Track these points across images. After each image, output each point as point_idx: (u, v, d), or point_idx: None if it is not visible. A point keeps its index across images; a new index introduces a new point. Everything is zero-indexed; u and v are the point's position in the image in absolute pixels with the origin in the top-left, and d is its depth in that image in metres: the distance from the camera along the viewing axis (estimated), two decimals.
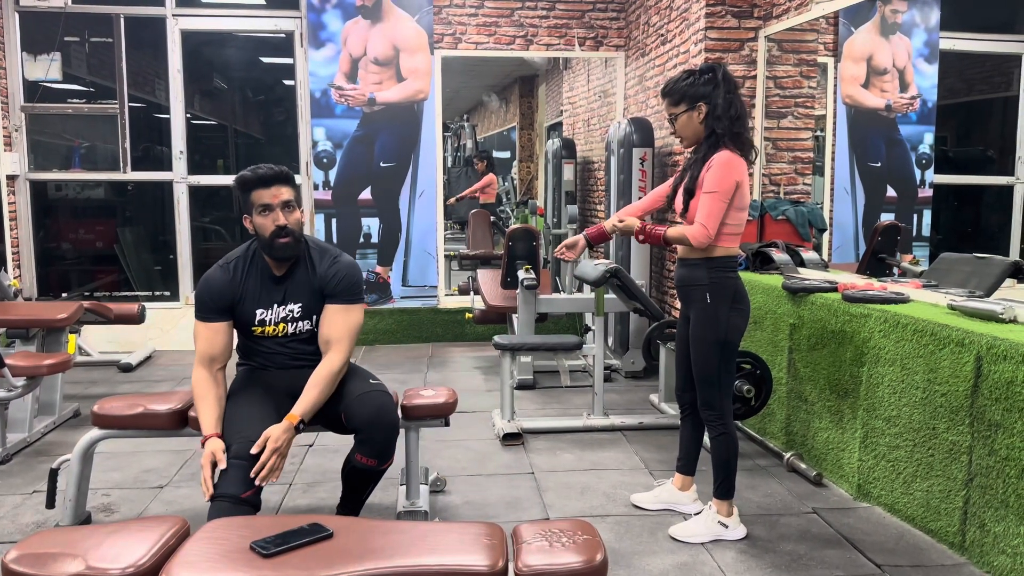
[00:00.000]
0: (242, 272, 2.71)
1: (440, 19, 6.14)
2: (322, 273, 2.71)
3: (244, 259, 2.73)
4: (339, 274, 2.71)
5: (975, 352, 2.60)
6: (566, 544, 1.71)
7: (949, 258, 3.85)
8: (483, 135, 15.57)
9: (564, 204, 6.91)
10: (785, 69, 4.69)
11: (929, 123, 5.18)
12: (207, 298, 2.68)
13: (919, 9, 5.10)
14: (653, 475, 3.51)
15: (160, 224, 6.62)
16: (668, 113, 2.88)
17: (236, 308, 2.70)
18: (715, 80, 2.76)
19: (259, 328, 2.71)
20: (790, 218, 4.45)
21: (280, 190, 2.64)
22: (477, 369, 5.55)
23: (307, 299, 2.72)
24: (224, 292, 2.68)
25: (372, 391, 2.65)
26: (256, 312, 2.70)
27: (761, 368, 3.50)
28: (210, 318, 2.67)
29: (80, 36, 6.17)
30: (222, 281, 2.69)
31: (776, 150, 4.74)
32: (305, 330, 2.74)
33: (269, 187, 2.63)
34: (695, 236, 2.73)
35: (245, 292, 2.69)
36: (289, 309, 2.71)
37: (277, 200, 2.63)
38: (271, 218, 2.62)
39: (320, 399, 2.59)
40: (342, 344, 2.66)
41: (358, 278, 2.77)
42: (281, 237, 2.63)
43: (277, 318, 2.71)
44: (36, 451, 3.84)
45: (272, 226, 2.62)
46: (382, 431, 2.60)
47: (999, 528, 2.52)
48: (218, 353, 2.66)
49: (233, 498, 2.31)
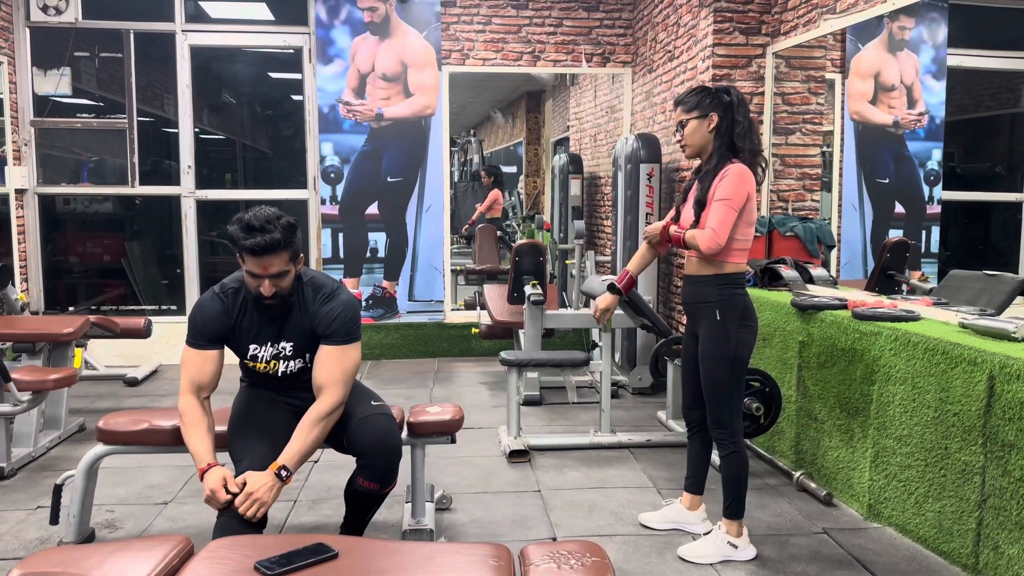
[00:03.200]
0: (237, 305, 2.56)
1: (448, 35, 6.16)
2: (313, 313, 2.55)
3: (239, 292, 2.58)
4: (331, 314, 2.54)
5: (987, 371, 2.58)
6: (574, 566, 1.68)
7: (959, 275, 3.82)
8: (490, 150, 15.62)
9: (571, 219, 6.91)
10: (793, 85, 4.68)
11: (937, 139, 5.16)
12: (200, 325, 2.55)
13: (926, 26, 5.10)
14: (661, 493, 3.48)
15: (167, 238, 6.63)
16: (677, 120, 2.88)
17: (230, 340, 2.59)
18: (731, 100, 2.80)
19: (251, 363, 2.62)
20: (798, 234, 4.44)
21: (272, 261, 2.41)
22: (483, 384, 5.53)
23: (299, 339, 2.58)
24: (217, 322, 2.55)
25: (374, 415, 2.60)
26: (249, 347, 2.59)
27: (770, 386, 3.47)
28: (202, 345, 2.55)
29: (90, 51, 6.21)
30: (216, 310, 2.55)
31: (784, 166, 4.73)
32: (297, 368, 2.63)
33: (259, 258, 2.40)
34: (705, 240, 2.72)
35: (240, 326, 2.57)
36: (281, 347, 2.59)
37: (266, 271, 2.42)
38: (257, 284, 2.46)
39: (309, 446, 2.44)
40: (334, 388, 2.50)
41: (351, 316, 2.58)
42: (266, 301, 2.48)
43: (268, 355, 2.59)
44: (41, 466, 3.82)
45: (257, 291, 2.47)
46: (384, 456, 2.55)
47: (1013, 550, 2.48)
48: (206, 382, 2.54)
49: (239, 515, 2.29)
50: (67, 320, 4.53)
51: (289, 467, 2.39)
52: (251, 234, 2.38)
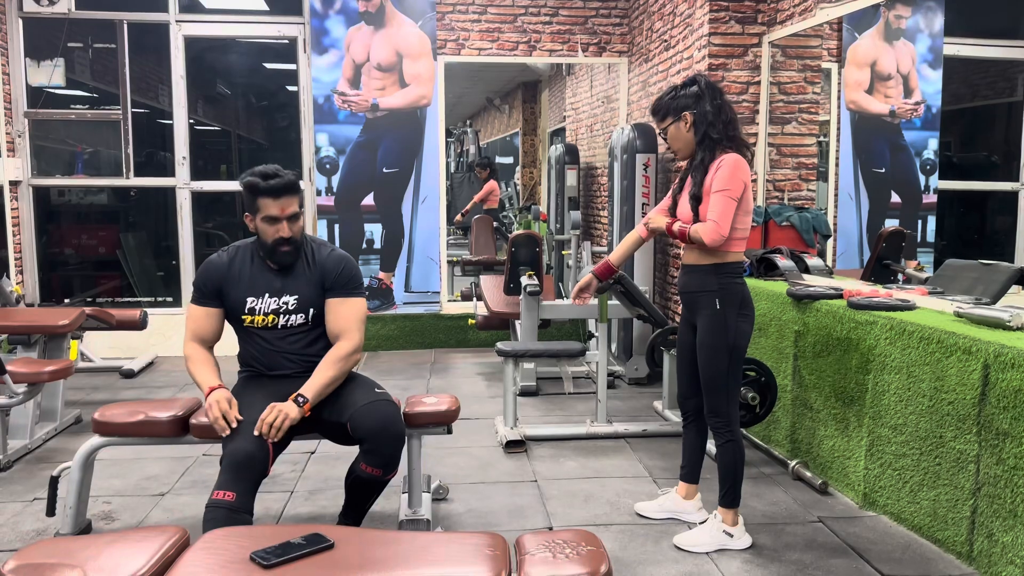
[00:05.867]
0: (240, 259, 2.75)
1: (443, 25, 6.14)
2: (321, 261, 2.75)
3: (246, 249, 2.78)
4: (339, 264, 2.75)
5: (982, 360, 2.58)
6: (569, 555, 1.69)
7: (954, 264, 3.83)
8: (486, 141, 15.58)
9: (567, 210, 6.90)
10: (789, 75, 4.67)
11: (933, 129, 5.16)
12: (201, 282, 2.75)
13: (923, 15, 5.09)
14: (657, 483, 3.48)
15: (163, 230, 6.61)
16: (658, 129, 2.94)
17: (227, 295, 2.72)
18: (699, 91, 2.81)
19: (248, 317, 2.72)
20: (794, 224, 4.44)
21: (289, 202, 2.66)
22: (480, 375, 5.54)
23: (305, 290, 2.73)
24: (216, 274, 2.73)
25: (378, 400, 2.64)
26: (246, 300, 2.71)
27: (766, 375, 3.48)
28: (203, 302, 2.74)
29: (83, 42, 6.18)
30: (217, 265, 2.75)
31: (780, 156, 4.73)
32: (298, 324, 2.73)
33: (278, 199, 2.64)
34: (708, 233, 2.71)
35: (239, 278, 2.72)
36: (284, 301, 2.72)
37: (285, 213, 2.65)
38: (275, 228, 2.66)
39: (327, 382, 2.61)
40: (351, 333, 2.69)
41: (356, 270, 2.82)
42: (283, 246, 2.68)
43: (267, 308, 2.71)
44: (37, 458, 3.82)
45: (275, 236, 2.67)
46: (388, 441, 2.58)
47: (1007, 538, 2.50)
48: (207, 335, 2.73)
49: (228, 506, 2.32)
50: (62, 312, 4.53)
51: (307, 396, 2.55)
52: (268, 179, 2.64)
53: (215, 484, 2.37)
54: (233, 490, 2.34)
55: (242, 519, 2.33)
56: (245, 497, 2.36)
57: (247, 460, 2.40)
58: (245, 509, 2.36)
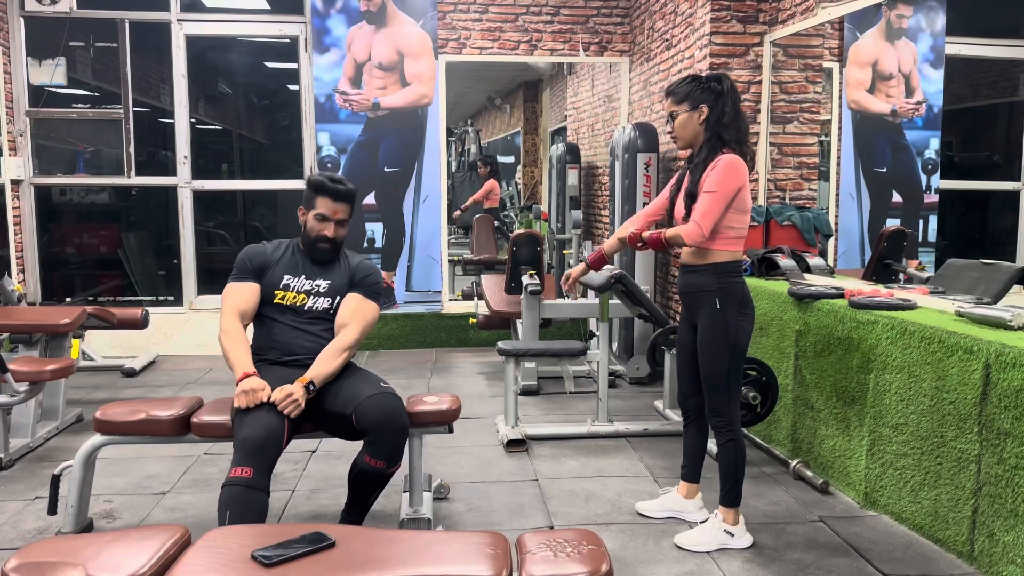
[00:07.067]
0: (282, 248, 2.99)
1: (444, 24, 6.14)
2: (355, 265, 2.99)
3: (288, 242, 3.02)
4: (369, 268, 3.01)
5: (984, 360, 2.58)
6: (570, 554, 1.69)
7: (956, 264, 3.82)
8: (487, 140, 15.58)
9: (568, 209, 6.90)
10: (791, 74, 4.67)
11: (935, 128, 5.15)
12: (243, 260, 2.93)
13: (925, 14, 5.08)
14: (658, 482, 3.48)
15: (164, 229, 6.61)
16: (668, 111, 2.89)
17: (266, 274, 2.91)
18: (722, 89, 2.79)
19: (281, 292, 2.89)
20: (796, 224, 4.43)
21: (343, 207, 2.92)
22: (481, 375, 5.54)
23: (336, 280, 2.94)
24: (260, 256, 2.94)
25: (383, 393, 2.69)
26: (284, 277, 2.91)
27: (767, 375, 3.48)
28: (242, 277, 2.90)
29: (85, 41, 6.18)
30: (260, 249, 2.98)
31: (781, 155, 4.72)
32: (322, 308, 2.90)
33: (336, 201, 2.91)
34: (689, 234, 2.73)
35: (279, 261, 2.94)
36: (317, 283, 2.92)
37: (336, 215, 2.91)
38: (323, 226, 2.91)
39: (332, 369, 2.73)
40: (355, 327, 2.84)
41: (380, 280, 3.05)
42: (323, 243, 2.92)
43: (301, 287, 2.91)
44: (39, 456, 3.83)
45: (320, 232, 2.91)
46: (392, 433, 2.62)
47: (1008, 538, 2.50)
48: (246, 308, 2.86)
49: (245, 482, 2.35)
50: (64, 311, 4.53)
51: (315, 382, 2.67)
52: (334, 183, 2.92)
53: (232, 462, 2.42)
54: (251, 466, 2.39)
55: (258, 496, 2.38)
56: (261, 475, 2.40)
57: (260, 443, 2.44)
58: (262, 487, 2.40)
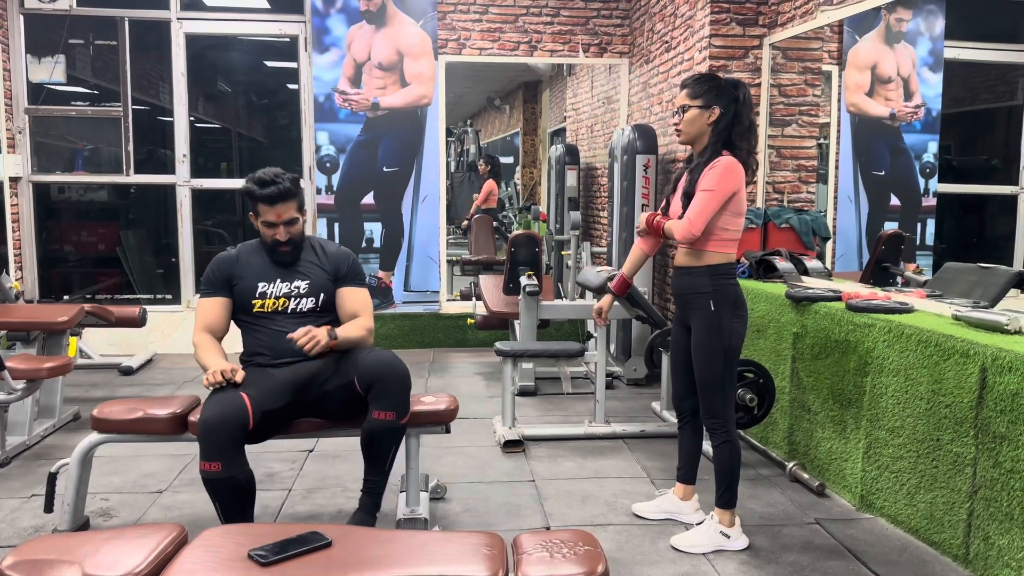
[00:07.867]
0: (248, 253, 2.90)
1: (444, 24, 6.14)
2: (332, 253, 2.93)
3: (252, 245, 2.94)
4: (348, 257, 2.95)
5: (980, 363, 2.59)
6: (567, 555, 1.69)
7: (953, 268, 3.83)
8: (486, 140, 15.57)
9: (567, 210, 6.90)
10: (790, 77, 4.68)
11: (933, 132, 5.16)
12: (211, 273, 2.87)
13: (924, 18, 5.09)
14: (655, 483, 3.49)
15: (162, 227, 6.61)
16: (680, 103, 2.85)
17: (238, 284, 2.84)
18: (738, 96, 2.80)
19: (259, 302, 2.83)
20: (794, 226, 4.44)
21: (286, 208, 2.79)
22: (478, 375, 5.54)
23: (316, 277, 2.88)
24: (226, 265, 2.87)
25: (378, 350, 2.77)
26: (258, 285, 2.84)
27: (764, 377, 3.48)
28: (212, 292, 2.85)
29: (84, 39, 6.18)
30: (227, 259, 2.89)
31: (780, 158, 4.73)
32: (307, 308, 2.85)
33: (274, 206, 2.77)
34: (680, 230, 2.76)
35: (249, 268, 2.86)
36: (295, 285, 2.86)
37: (281, 218, 2.79)
38: (273, 231, 2.82)
39: (354, 335, 2.79)
40: (367, 315, 2.89)
41: (360, 262, 3.04)
42: (281, 247, 2.84)
43: (279, 292, 2.84)
44: (35, 454, 3.82)
45: (273, 237, 2.83)
46: (396, 380, 2.68)
47: (1004, 541, 2.50)
48: (217, 325, 2.83)
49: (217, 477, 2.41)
50: (62, 309, 4.53)
51: (338, 334, 2.74)
52: (265, 186, 2.77)
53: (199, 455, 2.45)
54: (218, 460, 2.40)
55: (236, 481, 2.42)
56: (230, 461, 2.42)
57: (219, 421, 2.43)
58: (236, 471, 2.43)
